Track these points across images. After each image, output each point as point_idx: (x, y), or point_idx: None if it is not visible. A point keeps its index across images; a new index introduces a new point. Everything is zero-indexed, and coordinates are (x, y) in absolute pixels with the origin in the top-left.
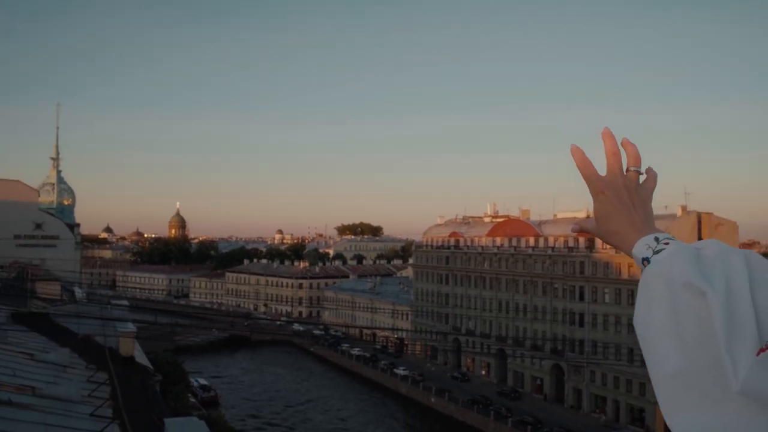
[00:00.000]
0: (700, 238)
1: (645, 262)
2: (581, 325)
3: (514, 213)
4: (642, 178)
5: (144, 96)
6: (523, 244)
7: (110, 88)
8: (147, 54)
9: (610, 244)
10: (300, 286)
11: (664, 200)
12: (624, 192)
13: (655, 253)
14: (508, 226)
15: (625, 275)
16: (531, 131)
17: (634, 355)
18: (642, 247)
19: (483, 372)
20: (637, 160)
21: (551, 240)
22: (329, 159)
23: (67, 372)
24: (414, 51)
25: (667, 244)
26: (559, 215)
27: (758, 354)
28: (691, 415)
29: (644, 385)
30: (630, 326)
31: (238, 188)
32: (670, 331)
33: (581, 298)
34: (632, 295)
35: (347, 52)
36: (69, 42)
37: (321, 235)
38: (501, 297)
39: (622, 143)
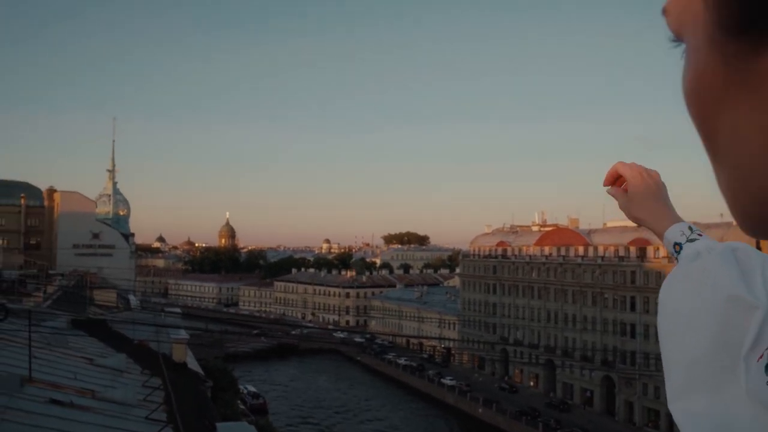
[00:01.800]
0: (758, 247)
1: (677, 246)
2: (632, 336)
3: (563, 222)
4: None
5: (195, 108)
6: (572, 253)
7: (162, 101)
8: (198, 67)
9: (638, 222)
10: (347, 295)
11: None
12: (655, 186)
13: (689, 240)
14: (557, 235)
15: None
16: (580, 139)
17: None
18: (676, 232)
19: (531, 383)
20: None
21: (601, 249)
22: (376, 168)
23: (123, 376)
24: (458, 59)
25: (700, 235)
26: (609, 224)
27: (758, 360)
28: (705, 404)
29: None
30: None
31: (286, 198)
32: (701, 325)
33: (632, 308)
34: None
35: (390, 60)
36: (124, 58)
37: (368, 245)
38: (549, 307)
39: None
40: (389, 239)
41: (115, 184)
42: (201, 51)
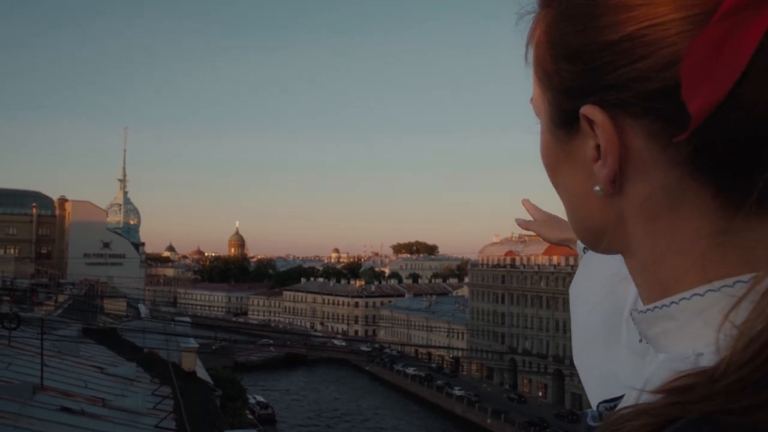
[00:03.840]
0: None
1: (585, 249)
2: None
3: None
4: None
5: (205, 118)
6: None
7: (173, 111)
8: (208, 76)
9: (560, 242)
10: (356, 305)
11: None
12: (546, 212)
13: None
14: None
15: None
16: None
17: None
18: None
19: (540, 393)
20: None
21: None
22: (385, 178)
23: (133, 385)
24: (468, 67)
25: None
26: None
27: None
28: (595, 357)
29: None
30: None
31: (295, 208)
32: (593, 297)
33: None
34: None
35: (400, 68)
36: (135, 68)
37: (377, 254)
38: (558, 316)
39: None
40: (398, 249)
41: (125, 193)
42: (211, 61)
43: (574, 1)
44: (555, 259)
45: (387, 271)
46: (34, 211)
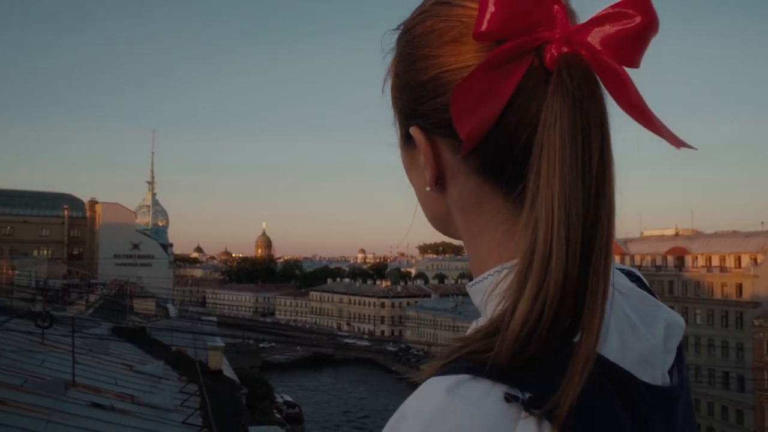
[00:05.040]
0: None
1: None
2: None
3: None
4: None
5: (231, 120)
6: None
7: (200, 113)
8: (234, 79)
9: None
10: (382, 305)
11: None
12: None
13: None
14: None
15: (718, 295)
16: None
17: (729, 380)
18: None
19: None
20: None
21: (638, 258)
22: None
23: (161, 382)
24: None
25: None
26: (647, 233)
27: None
28: None
29: (742, 413)
30: (724, 349)
31: (321, 208)
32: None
33: None
34: (726, 317)
35: None
36: (163, 72)
37: (403, 255)
38: None
39: None
40: (424, 249)
41: (154, 195)
42: (238, 62)
43: (403, 47)
44: None
45: (413, 271)
46: (66, 213)
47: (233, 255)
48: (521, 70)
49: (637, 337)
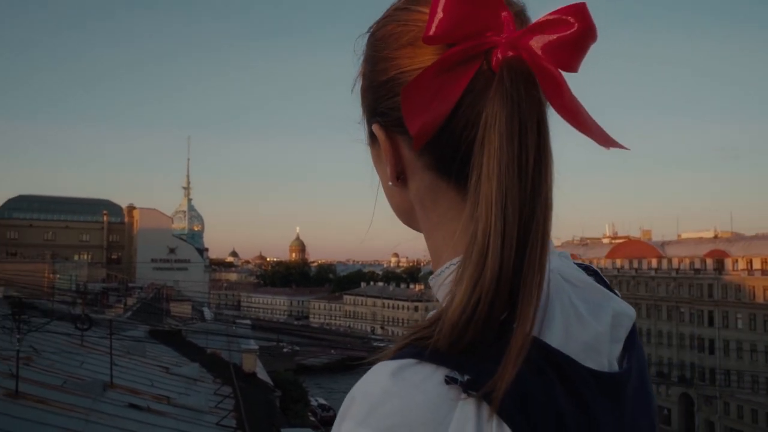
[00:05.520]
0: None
1: None
2: (711, 352)
3: (635, 233)
4: None
5: (265, 125)
6: (644, 265)
7: (234, 119)
8: (267, 85)
9: None
10: (416, 309)
11: None
12: None
13: None
14: (629, 247)
15: (760, 299)
16: (653, 149)
17: None
18: None
19: None
20: None
21: (675, 261)
22: None
23: (196, 384)
24: None
25: None
26: (684, 235)
27: None
28: None
29: None
30: (767, 354)
31: (355, 212)
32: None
33: (710, 323)
34: None
35: None
36: (198, 78)
37: None
38: None
39: None
40: None
41: (190, 200)
42: (271, 67)
43: (368, 50)
44: (618, 262)
45: None
46: (105, 218)
47: (268, 259)
48: (470, 73)
49: (583, 325)
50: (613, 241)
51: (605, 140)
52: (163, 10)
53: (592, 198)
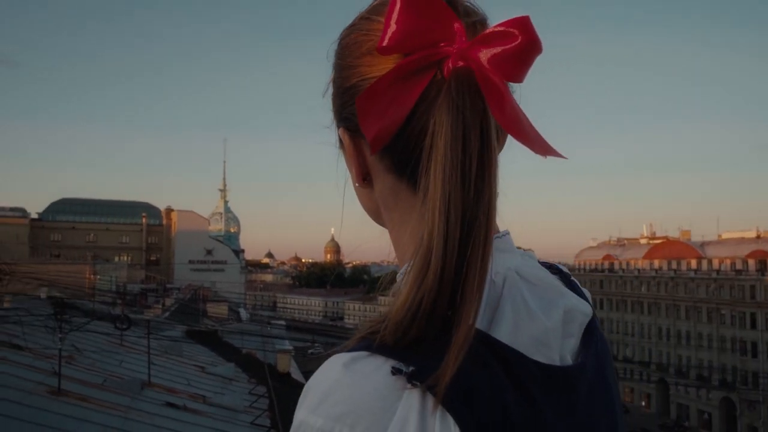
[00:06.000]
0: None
1: None
2: (754, 355)
3: (673, 234)
4: None
5: (298, 127)
6: (684, 266)
7: (269, 121)
8: (300, 85)
9: None
10: None
11: None
12: None
13: None
14: (667, 247)
15: None
16: (692, 148)
17: None
18: None
19: (643, 403)
20: None
21: (716, 262)
22: None
23: (232, 384)
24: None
25: None
26: (725, 235)
27: None
28: None
29: None
30: None
31: None
32: None
33: (753, 325)
34: None
35: None
36: (233, 81)
37: None
38: (661, 323)
39: None
40: None
41: (226, 202)
42: (307, 69)
43: (336, 57)
44: (656, 263)
45: None
46: (144, 220)
47: (303, 260)
48: (424, 82)
49: (532, 321)
50: (651, 242)
51: (543, 149)
52: (196, 12)
53: (629, 198)
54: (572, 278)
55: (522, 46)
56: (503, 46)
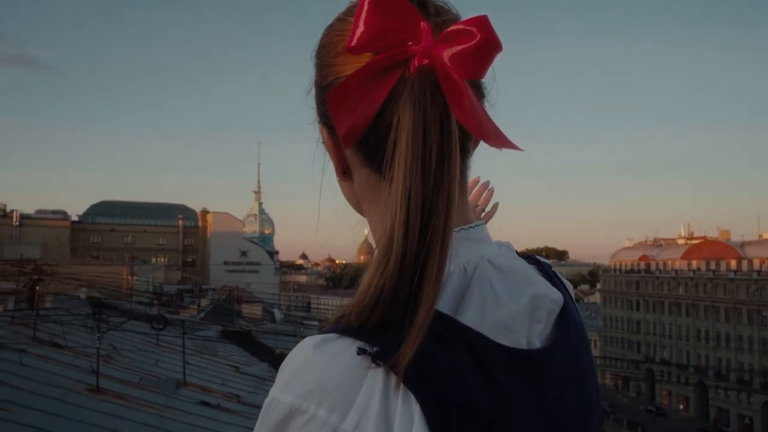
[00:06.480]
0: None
1: None
2: None
3: (712, 234)
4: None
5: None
6: (723, 267)
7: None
8: None
9: None
10: None
11: None
12: None
13: None
14: (706, 247)
15: None
16: (731, 148)
17: None
18: None
19: (681, 406)
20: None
21: (756, 263)
22: (513, 184)
23: (265, 384)
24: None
25: None
26: (766, 235)
27: None
28: None
29: None
30: None
31: None
32: None
33: None
34: None
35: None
36: (267, 85)
37: None
38: (699, 325)
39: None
40: None
41: (260, 204)
42: None
43: (316, 57)
44: (694, 263)
45: None
46: (180, 222)
47: (336, 261)
48: (393, 80)
49: (499, 306)
50: (688, 242)
51: (500, 142)
52: (229, 15)
53: (666, 198)
54: (552, 270)
55: (480, 44)
56: (463, 44)
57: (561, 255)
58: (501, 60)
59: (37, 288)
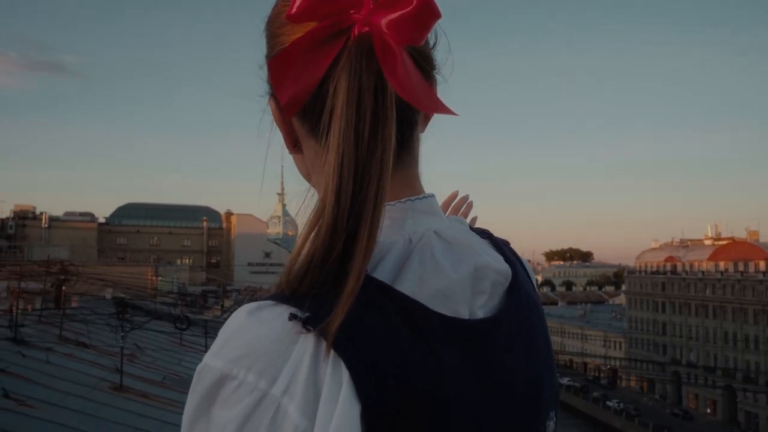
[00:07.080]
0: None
1: None
2: None
3: (740, 234)
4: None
5: None
6: (751, 268)
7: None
8: None
9: None
10: None
11: None
12: None
13: None
14: (733, 248)
15: None
16: (756, 148)
17: None
18: None
19: (708, 409)
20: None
21: None
22: (537, 184)
23: None
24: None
25: None
26: None
27: None
28: None
29: None
30: None
31: None
32: None
33: None
34: None
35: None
36: None
37: (529, 261)
38: (727, 327)
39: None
40: (551, 255)
41: (284, 206)
42: None
43: (265, 30)
44: (722, 265)
45: (540, 278)
46: (205, 224)
47: None
48: (336, 48)
49: (438, 275)
50: (716, 243)
51: (432, 106)
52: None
53: (693, 198)
54: (510, 247)
55: (417, 10)
56: (401, 10)
57: (586, 256)
58: (535, 60)
59: (64, 288)
